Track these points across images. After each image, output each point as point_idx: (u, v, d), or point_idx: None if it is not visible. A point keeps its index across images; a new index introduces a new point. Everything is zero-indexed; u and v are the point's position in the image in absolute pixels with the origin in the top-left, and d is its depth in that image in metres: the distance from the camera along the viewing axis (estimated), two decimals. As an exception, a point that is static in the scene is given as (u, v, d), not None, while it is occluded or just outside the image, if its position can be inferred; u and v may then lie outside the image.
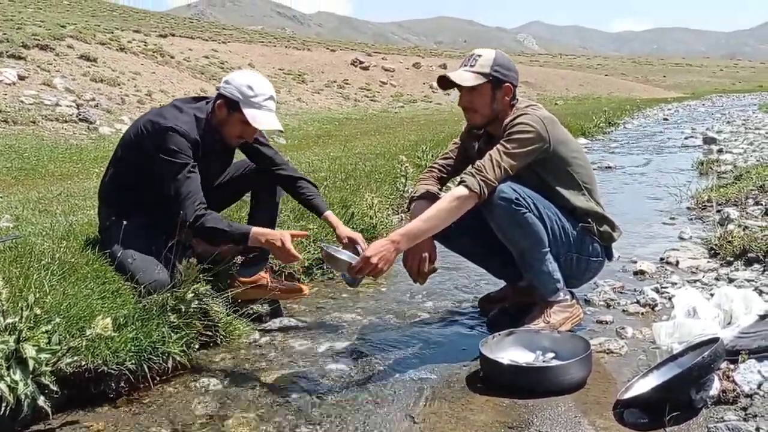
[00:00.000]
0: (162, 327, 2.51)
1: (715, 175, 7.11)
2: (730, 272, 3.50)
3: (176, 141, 2.69)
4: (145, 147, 2.74)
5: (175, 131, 2.69)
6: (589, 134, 13.52)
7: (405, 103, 27.33)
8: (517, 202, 2.64)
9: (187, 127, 2.73)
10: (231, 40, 32.67)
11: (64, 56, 16.36)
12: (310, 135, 13.03)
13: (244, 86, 2.74)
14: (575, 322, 2.88)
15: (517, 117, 2.73)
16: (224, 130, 2.84)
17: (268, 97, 2.78)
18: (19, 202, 4.47)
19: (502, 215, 2.67)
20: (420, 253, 2.79)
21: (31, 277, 2.39)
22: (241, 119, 2.76)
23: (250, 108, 2.74)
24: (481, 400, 2.32)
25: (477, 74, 2.75)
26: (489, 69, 2.75)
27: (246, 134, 2.87)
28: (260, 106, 2.76)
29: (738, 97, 39.33)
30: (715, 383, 2.15)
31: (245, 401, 2.36)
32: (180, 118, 2.76)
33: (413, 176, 5.47)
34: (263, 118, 2.77)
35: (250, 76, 2.83)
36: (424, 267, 2.81)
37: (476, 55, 2.80)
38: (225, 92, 2.77)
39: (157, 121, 2.74)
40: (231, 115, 2.78)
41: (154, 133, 2.72)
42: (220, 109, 2.80)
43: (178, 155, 2.68)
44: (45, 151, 8.86)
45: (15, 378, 2.03)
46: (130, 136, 2.85)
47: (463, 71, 2.78)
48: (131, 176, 2.85)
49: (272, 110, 2.82)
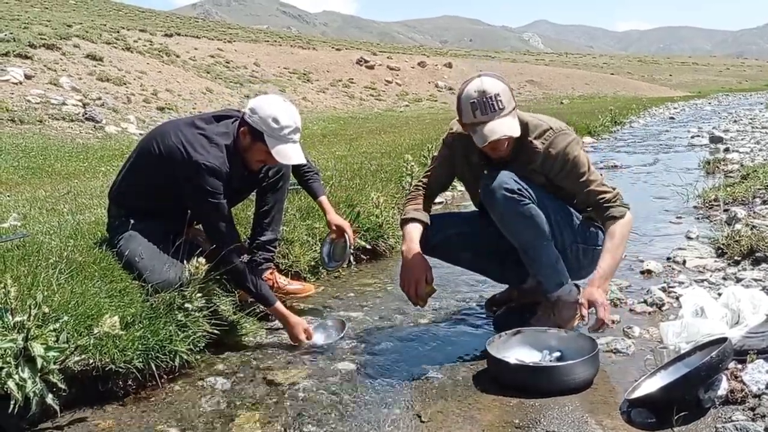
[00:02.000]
0: (169, 325, 2.52)
1: (722, 174, 7.09)
2: (738, 272, 3.48)
3: (208, 180, 2.65)
4: (172, 172, 2.70)
5: (207, 169, 2.64)
6: (595, 133, 13.48)
7: (410, 102, 27.33)
8: (519, 192, 2.63)
9: (218, 162, 2.68)
10: (236, 40, 32.71)
11: (71, 56, 16.42)
12: (316, 134, 13.02)
13: (270, 119, 2.68)
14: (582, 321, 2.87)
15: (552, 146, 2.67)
16: (247, 156, 2.80)
17: (293, 130, 2.73)
18: (26, 201, 4.48)
19: (505, 206, 2.65)
20: (415, 276, 2.76)
21: (39, 275, 2.40)
22: (265, 150, 2.73)
23: (275, 141, 2.70)
24: (488, 399, 2.32)
25: (511, 114, 2.59)
26: (514, 103, 2.61)
27: (268, 162, 2.87)
28: (285, 140, 2.72)
29: (745, 95, 39.17)
30: (723, 383, 2.14)
31: (252, 400, 2.37)
32: (211, 152, 2.69)
33: (419, 175, 5.47)
34: (287, 152, 2.73)
35: (276, 108, 2.73)
36: (422, 289, 2.77)
37: (495, 95, 2.54)
38: (250, 121, 2.72)
39: (188, 151, 2.66)
40: (255, 143, 2.74)
41: (184, 165, 2.66)
42: (243, 137, 2.75)
43: (212, 195, 2.66)
44: (51, 150, 8.87)
45: (23, 376, 2.04)
46: (155, 151, 2.76)
47: (501, 121, 2.55)
48: (149, 186, 2.83)
49: (296, 142, 2.78)
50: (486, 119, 2.54)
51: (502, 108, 2.54)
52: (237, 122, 2.81)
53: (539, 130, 2.69)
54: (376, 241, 4.26)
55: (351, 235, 3.26)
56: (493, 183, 2.65)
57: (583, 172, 2.68)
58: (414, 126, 14.28)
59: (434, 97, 29.09)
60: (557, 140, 2.67)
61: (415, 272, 2.76)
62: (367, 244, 4.18)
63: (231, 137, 2.78)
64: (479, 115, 2.55)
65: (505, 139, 2.59)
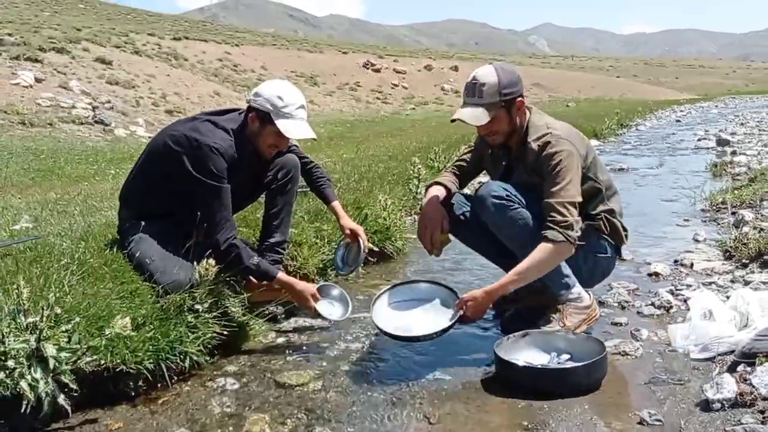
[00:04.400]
0: (179, 327, 2.53)
1: (729, 177, 7.07)
2: (746, 274, 3.48)
3: (214, 161, 2.68)
4: (180, 161, 2.71)
5: (213, 150, 2.68)
6: (601, 136, 13.47)
7: (416, 105, 27.36)
8: (507, 198, 2.73)
9: (225, 144, 2.72)
10: (244, 43, 32.83)
11: (80, 59, 16.55)
12: (323, 137, 13.04)
13: (275, 97, 2.73)
14: (591, 324, 2.88)
15: (547, 147, 2.73)
16: (258, 142, 2.84)
17: (299, 106, 2.78)
18: (37, 203, 4.52)
19: (495, 211, 2.76)
20: (431, 224, 2.92)
21: (51, 277, 2.42)
22: (274, 131, 2.76)
23: (282, 119, 2.74)
24: (497, 401, 2.33)
25: (487, 107, 2.71)
26: (498, 98, 2.71)
27: (280, 145, 2.89)
28: (292, 116, 2.76)
29: (751, 98, 39.02)
30: (732, 386, 2.14)
31: (261, 401, 2.38)
32: (217, 134, 2.74)
33: (425, 178, 5.49)
34: (296, 128, 2.77)
35: (279, 87, 2.81)
36: (437, 236, 2.91)
37: (479, 84, 2.71)
38: (256, 105, 2.76)
39: (194, 137, 2.71)
40: (264, 127, 2.78)
41: (191, 149, 2.70)
42: (252, 122, 2.80)
43: (215, 177, 2.69)
44: (61, 152, 8.94)
45: (36, 376, 2.06)
46: (163, 147, 2.80)
47: (472, 109, 2.73)
48: (158, 185, 2.85)
49: (304, 119, 2.82)
50: (466, 101, 2.76)
51: (480, 97, 2.71)
52: (243, 113, 2.88)
53: (539, 134, 2.77)
54: (383, 243, 4.27)
55: (365, 240, 3.28)
56: (482, 191, 2.79)
57: (557, 182, 2.67)
58: (420, 129, 14.30)
59: (440, 100, 29.11)
60: (551, 145, 2.72)
61: (431, 220, 2.93)
62: (375, 246, 4.18)
63: (237, 123, 2.83)
64: (464, 96, 2.80)
65: (484, 127, 2.76)
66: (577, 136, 2.85)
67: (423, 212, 2.99)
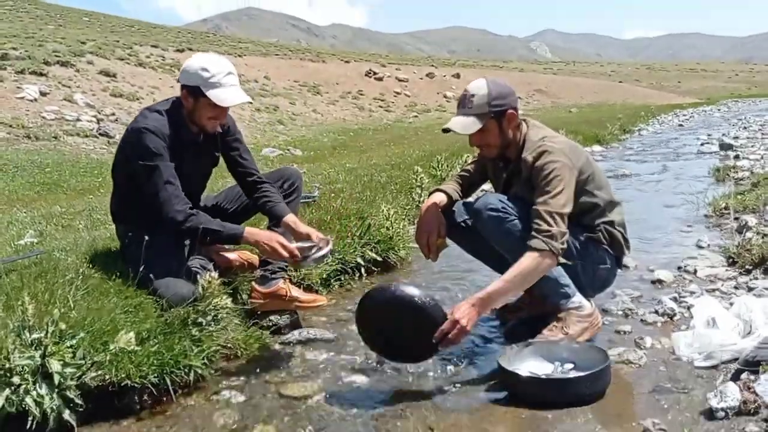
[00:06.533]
0: (184, 340, 2.54)
1: (732, 181, 7.06)
2: (749, 281, 3.48)
3: (147, 140, 2.72)
4: (128, 156, 2.82)
5: (145, 130, 2.73)
6: (604, 142, 13.47)
7: (419, 113, 27.38)
8: (504, 210, 2.76)
9: (157, 123, 2.77)
10: (247, 54, 32.94)
11: (85, 72, 16.63)
12: (326, 146, 13.10)
13: (200, 70, 2.75)
14: (594, 332, 2.88)
15: (540, 155, 2.74)
16: (197, 119, 2.86)
17: (227, 73, 2.79)
18: (42, 217, 4.54)
19: (491, 224, 2.79)
20: (428, 228, 2.95)
21: (56, 292, 2.44)
22: (208, 103, 2.77)
23: (213, 89, 2.75)
24: (501, 411, 2.33)
25: (476, 117, 2.77)
26: (487, 108, 2.76)
27: (219, 116, 2.87)
28: (222, 85, 2.76)
29: (754, 101, 38.95)
30: (736, 394, 2.13)
31: (266, 413, 2.38)
32: (149, 116, 2.81)
33: (428, 187, 5.49)
34: (228, 95, 2.78)
35: (203, 58, 2.82)
36: (434, 240, 2.94)
37: (470, 96, 2.79)
38: (184, 81, 2.80)
39: (129, 127, 2.83)
40: (197, 101, 2.80)
41: (128, 139, 2.81)
42: (186, 100, 2.83)
43: (151, 155, 2.72)
44: (66, 166, 8.99)
45: (41, 392, 2.08)
46: (117, 153, 2.95)
47: (462, 118, 2.79)
48: (129, 191, 2.91)
49: (235, 84, 2.82)
50: (458, 112, 2.84)
51: (470, 108, 2.78)
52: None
53: (534, 147, 2.80)
54: (386, 253, 4.27)
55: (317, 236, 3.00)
56: (479, 204, 2.82)
57: (548, 190, 2.67)
58: (423, 137, 14.33)
59: (443, 108, 29.12)
60: (545, 155, 2.74)
61: (428, 224, 2.97)
62: (378, 256, 4.19)
63: (170, 104, 2.88)
64: (456, 109, 2.87)
65: (475, 137, 2.82)
66: (574, 150, 2.85)
67: (421, 217, 3.02)
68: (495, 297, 2.61)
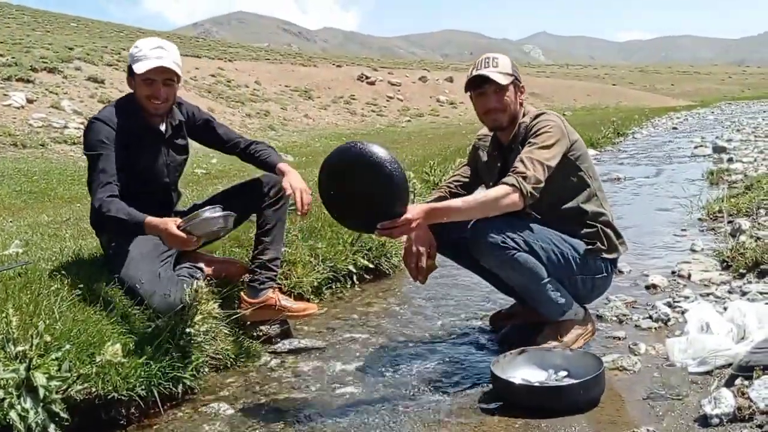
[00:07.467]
0: (172, 351, 2.50)
1: (726, 185, 7.07)
2: (743, 285, 3.46)
3: (94, 129, 2.79)
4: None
5: (93, 120, 2.81)
6: (597, 145, 13.48)
7: (412, 117, 27.38)
8: (503, 245, 2.64)
9: (105, 113, 2.84)
10: (237, 58, 32.88)
11: (72, 78, 16.53)
12: (318, 151, 13.03)
13: (133, 49, 2.84)
14: (588, 339, 2.85)
15: (537, 116, 2.79)
16: (138, 99, 2.90)
17: (153, 47, 2.82)
18: (28, 227, 4.48)
19: (492, 259, 2.73)
20: (418, 249, 2.78)
21: (41, 303, 2.40)
22: (139, 78, 2.82)
23: (137, 62, 2.80)
24: (494, 420, 2.30)
25: (505, 74, 2.77)
26: (511, 70, 2.80)
27: (153, 92, 2.85)
28: (147, 57, 2.80)
29: (747, 104, 39.16)
30: (730, 400, 2.11)
31: (256, 425, 2.35)
32: (102, 110, 2.90)
33: (421, 192, 5.47)
34: (146, 63, 2.79)
35: (137, 43, 2.89)
36: (423, 263, 2.78)
37: (493, 58, 2.80)
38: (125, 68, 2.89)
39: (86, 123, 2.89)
40: (132, 79, 2.87)
41: (83, 134, 2.87)
42: (129, 83, 2.91)
43: (91, 146, 2.78)
44: (54, 174, 8.90)
45: (26, 406, 2.03)
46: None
47: (489, 69, 2.76)
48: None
49: (161, 57, 2.82)
50: (478, 71, 2.77)
51: (495, 66, 2.77)
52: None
53: (531, 114, 2.83)
54: (378, 260, 4.25)
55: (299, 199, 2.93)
56: (477, 234, 2.70)
57: (535, 142, 2.68)
58: (416, 141, 14.31)
59: (436, 112, 29.13)
60: (540, 116, 2.79)
61: (417, 244, 2.79)
62: (370, 263, 4.16)
63: (126, 96, 2.97)
64: (477, 70, 2.78)
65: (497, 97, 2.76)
66: (570, 127, 2.84)
67: (408, 237, 2.80)
68: (448, 213, 2.57)
